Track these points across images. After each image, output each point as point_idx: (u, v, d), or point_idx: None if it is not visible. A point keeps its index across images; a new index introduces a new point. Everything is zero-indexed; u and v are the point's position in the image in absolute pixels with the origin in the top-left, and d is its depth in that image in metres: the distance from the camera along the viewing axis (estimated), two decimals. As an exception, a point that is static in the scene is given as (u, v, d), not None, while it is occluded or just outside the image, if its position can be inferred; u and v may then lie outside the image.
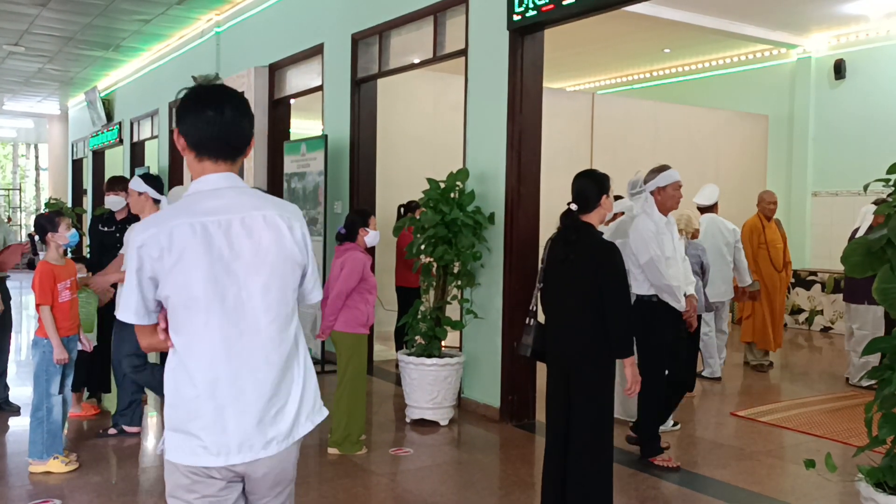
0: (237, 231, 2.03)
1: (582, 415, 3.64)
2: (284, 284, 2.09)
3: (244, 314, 2.02)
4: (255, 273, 2.03)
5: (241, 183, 2.12)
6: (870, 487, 3.12)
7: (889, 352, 3.23)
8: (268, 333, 2.04)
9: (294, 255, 2.11)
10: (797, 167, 11.45)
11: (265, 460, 2.04)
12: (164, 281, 1.99)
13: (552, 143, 7.32)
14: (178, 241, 1.98)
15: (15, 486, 4.44)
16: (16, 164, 30.39)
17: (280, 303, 2.07)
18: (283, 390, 2.07)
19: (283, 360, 2.06)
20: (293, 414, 2.08)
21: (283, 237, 2.09)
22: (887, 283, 3.13)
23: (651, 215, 4.94)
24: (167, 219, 2.02)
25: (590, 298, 3.58)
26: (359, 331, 5.02)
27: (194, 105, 2.08)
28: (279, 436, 2.05)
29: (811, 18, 10.20)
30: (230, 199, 2.06)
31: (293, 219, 2.14)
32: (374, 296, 5.09)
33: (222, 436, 1.99)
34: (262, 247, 2.05)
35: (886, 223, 3.14)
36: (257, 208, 2.08)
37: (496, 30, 5.97)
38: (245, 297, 2.02)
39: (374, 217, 5.17)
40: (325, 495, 4.38)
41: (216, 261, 2.00)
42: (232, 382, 2.00)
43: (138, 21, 11.57)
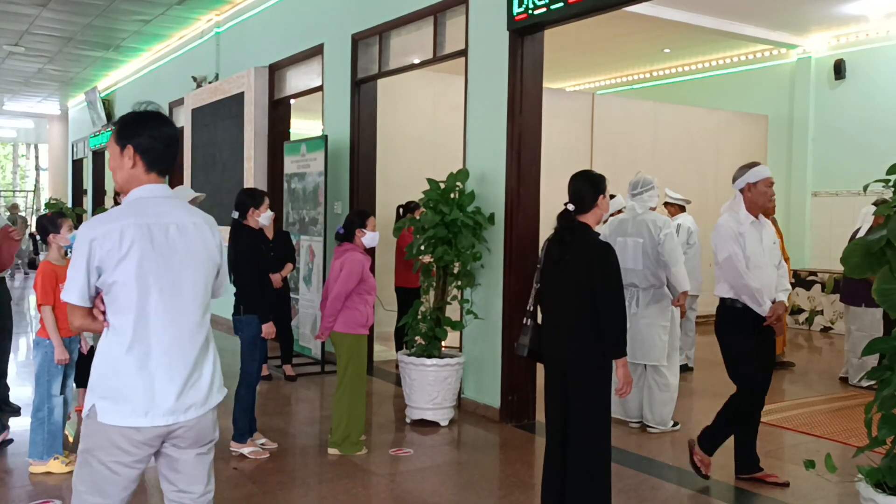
0: (173, 233, 2.49)
1: (579, 415, 3.65)
2: (207, 279, 2.57)
3: (176, 301, 2.47)
4: (186, 268, 2.49)
5: (172, 193, 2.61)
6: (869, 488, 3.12)
7: (888, 352, 3.23)
8: (193, 318, 2.50)
9: (214, 256, 2.60)
10: (797, 167, 11.45)
11: (185, 423, 2.47)
12: (110, 270, 2.40)
13: (552, 143, 7.33)
14: (128, 237, 2.40)
15: (15, 487, 4.44)
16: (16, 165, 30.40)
17: (203, 294, 2.55)
18: (200, 365, 2.52)
19: (202, 341, 2.53)
20: (207, 386, 2.54)
21: (208, 241, 2.57)
22: (887, 284, 3.13)
23: (737, 213, 4.61)
24: (118, 218, 2.44)
25: (585, 299, 3.59)
26: (358, 331, 5.00)
27: (153, 123, 2.52)
28: (196, 403, 2.50)
29: (811, 19, 10.21)
30: (168, 207, 2.52)
31: (213, 227, 2.63)
32: (373, 296, 5.08)
33: (151, 402, 2.41)
34: (192, 247, 2.52)
35: (886, 224, 3.14)
36: (188, 216, 2.56)
37: (496, 30, 5.97)
38: (178, 287, 2.47)
39: (372, 218, 5.14)
40: (325, 496, 4.38)
41: (157, 256, 2.43)
42: (162, 356, 2.43)
43: (138, 21, 11.57)
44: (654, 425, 5.71)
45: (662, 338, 5.68)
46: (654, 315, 5.68)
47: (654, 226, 5.69)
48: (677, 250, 5.67)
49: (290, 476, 4.72)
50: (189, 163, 11.60)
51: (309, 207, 7.96)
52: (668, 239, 5.64)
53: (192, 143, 11.49)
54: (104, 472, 2.45)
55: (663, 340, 5.68)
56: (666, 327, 5.69)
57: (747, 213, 4.61)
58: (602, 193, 3.72)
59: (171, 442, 2.49)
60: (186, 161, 11.71)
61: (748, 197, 4.63)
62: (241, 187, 9.83)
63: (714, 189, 11.43)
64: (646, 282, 5.68)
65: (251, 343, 5.10)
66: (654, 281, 5.67)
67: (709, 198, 11.34)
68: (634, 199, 5.81)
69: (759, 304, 4.41)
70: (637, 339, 5.61)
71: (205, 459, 2.60)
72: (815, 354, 9.44)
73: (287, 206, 8.52)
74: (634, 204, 5.81)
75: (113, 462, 2.43)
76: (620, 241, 5.77)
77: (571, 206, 3.72)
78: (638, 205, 5.80)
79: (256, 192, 5.32)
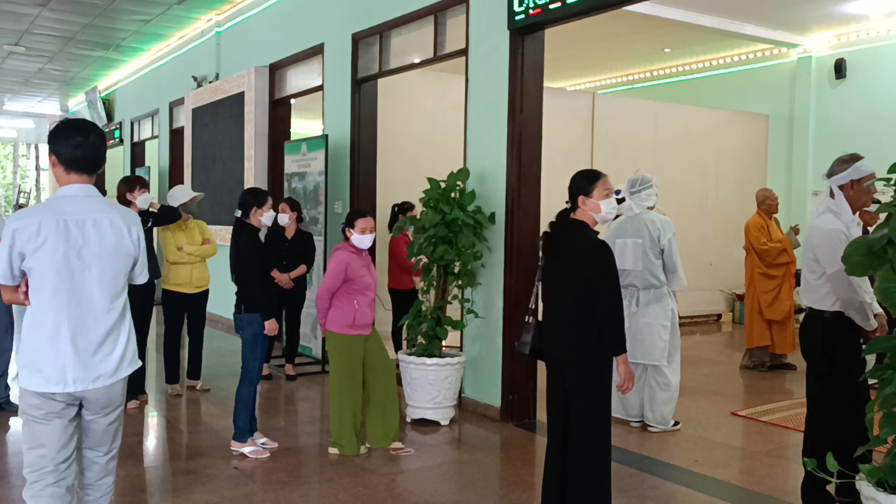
0: (89, 228, 2.87)
1: (578, 413, 3.65)
2: (117, 270, 2.94)
3: (84, 287, 2.86)
4: (97, 260, 2.87)
5: (96, 192, 2.94)
6: (871, 487, 3.12)
7: (889, 351, 3.23)
8: (100, 303, 2.89)
9: (129, 250, 2.97)
10: (797, 167, 11.44)
11: (94, 391, 2.91)
12: (29, 257, 2.81)
13: (552, 142, 7.32)
14: (44, 230, 2.80)
15: (17, 486, 4.44)
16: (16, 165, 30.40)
17: (112, 283, 2.93)
18: (109, 343, 2.92)
19: (111, 322, 2.92)
20: (117, 361, 2.95)
21: (123, 237, 2.95)
22: (888, 282, 3.12)
23: (840, 214, 4.01)
24: (37, 213, 2.86)
25: (581, 297, 3.59)
26: (344, 331, 4.99)
27: (66, 133, 2.90)
28: (105, 374, 2.92)
29: (812, 18, 10.20)
30: (86, 205, 2.89)
31: (131, 223, 2.99)
32: (366, 296, 5.02)
33: (62, 372, 2.84)
34: (105, 242, 2.89)
35: (887, 222, 3.13)
36: (106, 213, 2.91)
37: (496, 29, 5.97)
38: (87, 276, 2.86)
39: (363, 219, 5.02)
40: (326, 495, 4.38)
41: (70, 247, 2.82)
42: (70, 334, 2.84)
43: (138, 21, 11.57)
44: (655, 425, 5.71)
45: (663, 337, 5.67)
46: (654, 314, 5.67)
47: (654, 226, 5.67)
48: (677, 256, 5.67)
49: (290, 475, 4.72)
50: (189, 162, 11.60)
51: (309, 207, 7.96)
52: (670, 245, 5.62)
53: (193, 143, 11.49)
54: (37, 426, 2.93)
55: (664, 340, 5.67)
56: (666, 327, 5.68)
57: (851, 214, 4.04)
58: (583, 193, 3.65)
59: (84, 406, 2.97)
60: (187, 160, 11.71)
61: (850, 196, 4.07)
62: (241, 187, 9.87)
63: (714, 188, 11.43)
64: (645, 282, 5.68)
65: (252, 342, 5.10)
66: (654, 281, 5.67)
67: (709, 197, 11.36)
68: (632, 197, 5.79)
69: (867, 320, 3.93)
70: (637, 338, 5.61)
71: (112, 425, 3.07)
72: (816, 354, 9.41)
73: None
74: (632, 203, 5.79)
75: (42, 415, 2.91)
76: (620, 243, 5.76)
77: (569, 205, 3.74)
78: (635, 203, 5.77)
79: (260, 192, 5.32)
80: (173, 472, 4.78)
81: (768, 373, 7.85)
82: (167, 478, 4.69)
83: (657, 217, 5.74)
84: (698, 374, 7.58)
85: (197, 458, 5.05)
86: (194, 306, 6.78)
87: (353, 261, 4.97)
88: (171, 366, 6.81)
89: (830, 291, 3.96)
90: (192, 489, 4.42)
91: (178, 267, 6.59)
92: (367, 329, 5.09)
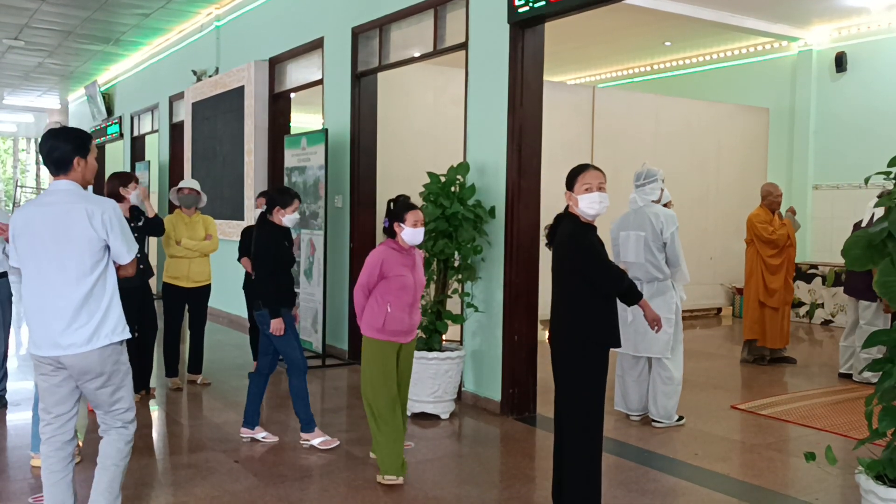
0: (62, 217, 3.33)
1: (568, 404, 3.70)
2: (81, 252, 3.32)
3: (56, 267, 3.32)
4: (65, 243, 3.31)
5: (72, 186, 3.40)
6: (870, 480, 3.13)
7: (889, 345, 3.23)
8: (70, 280, 3.31)
9: (92, 234, 3.33)
10: (798, 160, 11.44)
11: (70, 357, 3.32)
12: (18, 241, 3.40)
13: (553, 136, 7.32)
14: (29, 220, 3.38)
15: (17, 480, 4.45)
16: (16, 159, 30.40)
17: (77, 264, 3.32)
18: (82, 316, 3.32)
19: (80, 298, 3.31)
20: (90, 332, 3.32)
21: (86, 222, 3.32)
22: (888, 276, 3.13)
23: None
24: (28, 206, 3.45)
25: (566, 287, 3.70)
26: (371, 334, 4.49)
27: (42, 141, 3.50)
28: (77, 343, 3.31)
29: (812, 11, 10.18)
30: (60, 197, 3.37)
31: (97, 210, 3.34)
32: (401, 300, 4.46)
33: (42, 339, 3.34)
34: (73, 228, 3.32)
35: (887, 216, 3.13)
36: (75, 203, 3.34)
37: (496, 23, 5.96)
38: (58, 258, 3.32)
39: (414, 211, 4.50)
40: (326, 488, 4.39)
41: (45, 233, 3.33)
42: (44, 307, 3.34)
43: (138, 15, 11.55)
44: (659, 419, 5.68)
45: (667, 330, 5.61)
46: (658, 307, 5.60)
47: (657, 219, 5.65)
48: (680, 249, 5.66)
49: (291, 469, 4.73)
50: (189, 156, 11.60)
51: (309, 201, 7.96)
52: (673, 239, 5.62)
53: (193, 137, 11.48)
54: (40, 384, 3.46)
55: (668, 333, 5.61)
56: (670, 320, 5.64)
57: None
58: (567, 188, 3.75)
59: (68, 371, 3.37)
60: (187, 155, 11.71)
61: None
62: (241, 181, 9.87)
63: (715, 182, 11.43)
64: (648, 275, 5.66)
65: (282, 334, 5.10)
66: (658, 274, 5.65)
67: (709, 190, 11.35)
68: (637, 190, 5.78)
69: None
70: (640, 331, 5.59)
71: (100, 390, 3.43)
72: (816, 347, 9.44)
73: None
74: (636, 196, 5.78)
75: (40, 377, 3.43)
76: (623, 235, 5.76)
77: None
78: (639, 196, 5.76)
79: (288, 193, 5.27)
80: (174, 466, 4.79)
81: (768, 366, 7.86)
82: (168, 471, 4.70)
83: (661, 210, 5.72)
84: (698, 367, 7.59)
85: (198, 451, 5.06)
86: (194, 301, 6.77)
87: (391, 257, 4.48)
88: (171, 359, 6.82)
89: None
90: (193, 483, 4.43)
91: (175, 260, 6.60)
92: (402, 336, 4.52)
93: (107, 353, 3.37)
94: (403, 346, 4.57)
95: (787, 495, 4.35)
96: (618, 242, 5.85)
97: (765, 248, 7.82)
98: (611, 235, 5.89)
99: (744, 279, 8.13)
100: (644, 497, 4.30)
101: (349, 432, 5.45)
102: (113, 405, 3.49)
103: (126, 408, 3.53)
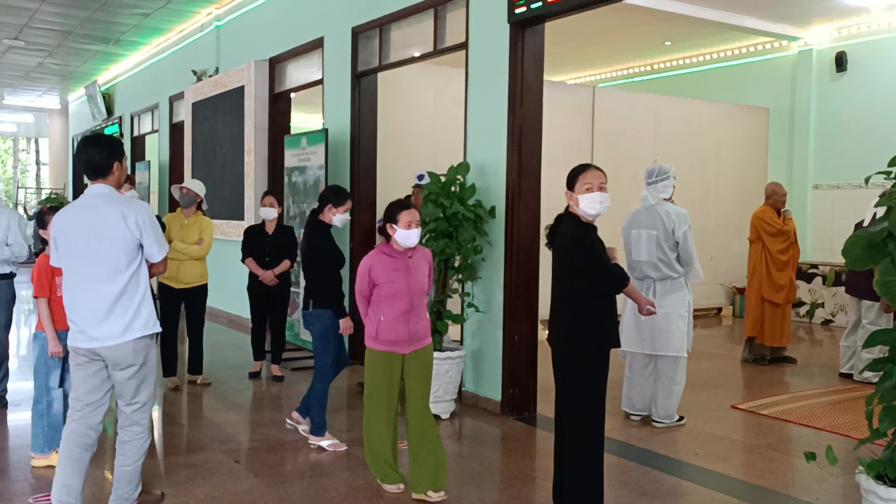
0: (97, 219, 3.61)
1: (568, 404, 3.71)
2: (116, 251, 3.60)
3: (92, 264, 3.60)
4: (101, 242, 3.60)
5: (108, 190, 3.69)
6: (870, 480, 3.13)
7: (890, 345, 3.23)
8: (100, 278, 3.59)
9: (125, 235, 3.60)
10: (798, 160, 11.43)
11: (105, 348, 3.61)
12: (59, 242, 3.67)
13: (553, 136, 7.31)
14: (67, 222, 3.67)
15: (18, 480, 4.45)
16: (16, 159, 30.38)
17: (111, 261, 3.59)
18: (116, 311, 3.60)
19: (114, 294, 3.59)
20: (124, 325, 3.61)
21: (120, 223, 3.59)
22: (888, 275, 3.13)
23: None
24: (67, 209, 3.76)
25: (564, 286, 3.72)
26: (368, 343, 4.28)
27: (79, 148, 3.77)
28: (112, 335, 3.60)
29: (812, 11, 10.17)
30: (95, 200, 3.66)
31: (131, 213, 3.62)
32: (393, 307, 4.19)
33: (80, 332, 3.63)
34: (107, 228, 3.60)
35: (888, 216, 3.13)
36: (108, 206, 3.62)
37: (497, 23, 5.95)
38: (91, 257, 3.60)
39: (407, 211, 4.22)
40: (327, 488, 4.39)
41: (81, 234, 3.61)
42: (81, 303, 3.62)
43: (138, 15, 11.55)
44: (660, 419, 5.67)
45: (681, 328, 5.57)
46: (671, 305, 5.58)
47: (668, 218, 5.60)
48: (693, 248, 5.64)
49: (291, 469, 4.73)
50: (189, 157, 11.59)
51: (310, 201, 7.95)
52: (685, 238, 5.59)
53: (193, 137, 11.48)
54: (74, 374, 3.75)
55: (682, 331, 5.56)
56: (684, 317, 5.58)
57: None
58: (568, 188, 3.76)
59: (103, 362, 3.65)
60: (187, 155, 11.71)
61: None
62: (241, 181, 9.87)
63: (715, 182, 11.42)
64: (661, 274, 5.62)
65: (323, 337, 5.05)
66: (671, 273, 5.61)
67: (709, 190, 11.35)
68: (648, 188, 5.72)
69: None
70: (655, 329, 5.54)
71: (129, 380, 3.69)
72: (817, 347, 9.44)
73: (288, 199, 8.51)
74: (647, 193, 5.72)
75: (75, 367, 3.72)
76: (635, 234, 5.73)
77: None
78: (651, 194, 5.69)
79: (341, 192, 5.24)
80: (174, 466, 4.78)
81: (769, 366, 7.86)
82: (168, 471, 4.69)
83: (672, 209, 5.67)
84: (699, 367, 7.58)
85: (198, 451, 5.06)
86: (189, 301, 6.77)
87: (379, 262, 4.22)
88: (168, 359, 6.81)
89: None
90: (193, 483, 4.43)
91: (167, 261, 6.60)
92: (400, 347, 4.23)
93: (140, 345, 3.67)
94: (408, 358, 4.26)
95: (787, 495, 4.35)
96: (629, 241, 5.81)
97: (774, 242, 7.78)
98: (622, 233, 5.87)
99: (745, 279, 8.13)
100: (645, 497, 4.30)
101: (349, 433, 5.45)
102: (134, 397, 3.74)
103: (143, 403, 3.77)
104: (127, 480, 3.81)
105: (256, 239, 7.01)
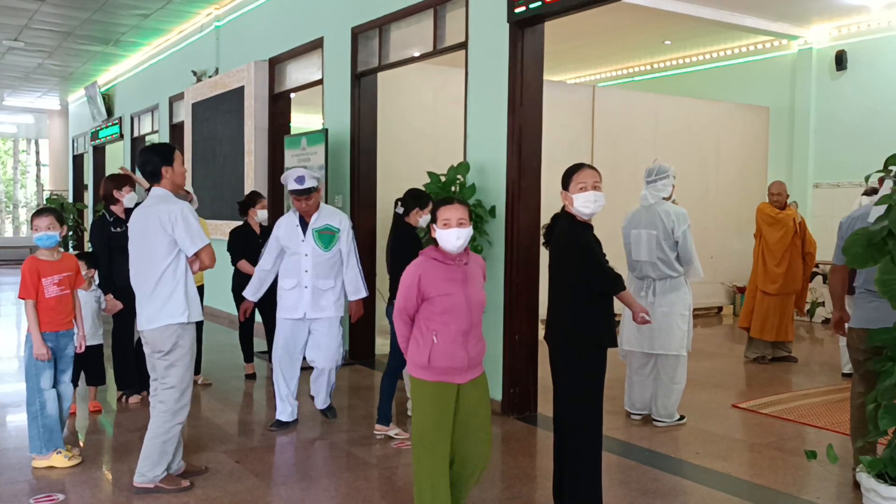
0: (146, 218, 4.17)
1: (566, 403, 3.71)
2: (155, 244, 4.13)
3: (139, 255, 4.22)
4: (144, 237, 4.17)
5: (162, 193, 4.22)
6: (871, 478, 3.13)
7: (889, 343, 3.23)
8: (144, 264, 4.18)
9: (161, 230, 4.10)
10: (798, 159, 11.43)
11: (145, 332, 4.19)
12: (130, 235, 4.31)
13: (553, 135, 7.31)
14: (133, 218, 4.29)
15: (18, 481, 4.45)
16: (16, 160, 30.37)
17: (152, 255, 4.14)
18: (155, 296, 4.13)
19: (154, 279, 4.13)
20: (156, 310, 4.13)
21: (157, 221, 4.11)
22: (888, 274, 3.12)
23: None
24: (137, 209, 4.36)
25: (561, 285, 3.73)
26: (416, 373, 3.43)
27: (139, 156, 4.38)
28: (145, 320, 4.17)
29: (812, 9, 10.17)
30: (151, 201, 4.23)
31: (166, 211, 4.12)
32: (449, 326, 3.37)
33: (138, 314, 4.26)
34: (150, 226, 4.14)
35: (888, 214, 3.13)
36: (156, 205, 4.15)
37: (496, 22, 5.95)
38: (139, 250, 4.22)
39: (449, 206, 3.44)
40: (327, 488, 4.39)
41: (137, 228, 4.23)
42: (135, 286, 4.24)
43: (138, 16, 11.55)
44: (661, 419, 5.67)
45: (682, 327, 5.56)
46: (672, 304, 5.58)
47: (668, 217, 5.59)
48: (693, 247, 5.64)
49: (292, 469, 4.72)
50: (189, 157, 11.59)
51: (310, 201, 7.94)
52: (685, 237, 5.59)
53: (193, 138, 11.48)
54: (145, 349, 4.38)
55: (682, 329, 5.56)
56: (685, 316, 5.58)
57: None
58: (563, 187, 3.78)
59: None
60: (187, 155, 11.69)
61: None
62: (241, 182, 9.87)
63: (715, 181, 11.42)
64: (661, 273, 5.61)
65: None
66: (671, 272, 5.61)
67: (709, 189, 11.35)
68: (648, 187, 5.70)
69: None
70: (655, 328, 5.53)
71: (160, 361, 4.20)
72: (817, 346, 9.44)
73: (288, 199, 8.50)
74: (647, 193, 5.70)
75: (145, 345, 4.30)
76: (635, 234, 5.71)
77: None
78: (650, 193, 5.68)
79: (422, 195, 5.44)
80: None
81: (769, 365, 7.86)
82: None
83: (672, 208, 5.66)
84: (699, 366, 7.58)
85: (199, 452, 5.06)
86: None
87: (431, 270, 3.40)
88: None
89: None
90: (195, 483, 4.43)
91: None
92: (457, 375, 3.41)
93: (167, 333, 4.12)
94: (462, 388, 3.43)
95: (788, 494, 4.35)
96: (629, 241, 5.80)
97: (771, 232, 7.74)
98: (622, 233, 5.87)
99: (746, 278, 8.13)
100: (645, 496, 4.30)
101: (350, 432, 5.45)
102: (164, 378, 4.20)
103: (170, 385, 4.20)
104: (145, 454, 4.20)
105: (246, 240, 7.03)
